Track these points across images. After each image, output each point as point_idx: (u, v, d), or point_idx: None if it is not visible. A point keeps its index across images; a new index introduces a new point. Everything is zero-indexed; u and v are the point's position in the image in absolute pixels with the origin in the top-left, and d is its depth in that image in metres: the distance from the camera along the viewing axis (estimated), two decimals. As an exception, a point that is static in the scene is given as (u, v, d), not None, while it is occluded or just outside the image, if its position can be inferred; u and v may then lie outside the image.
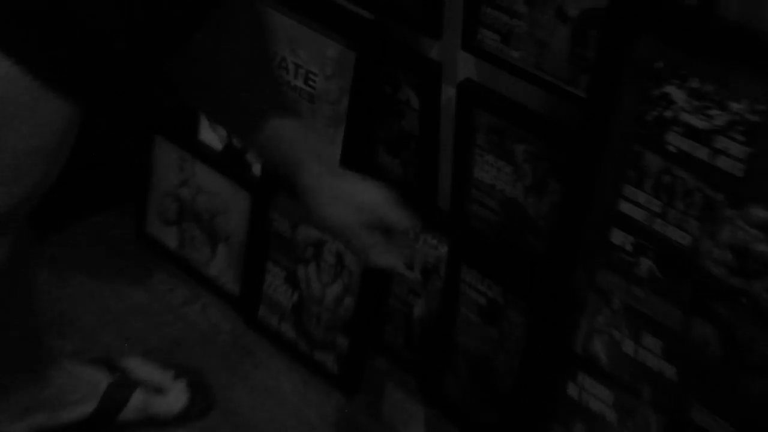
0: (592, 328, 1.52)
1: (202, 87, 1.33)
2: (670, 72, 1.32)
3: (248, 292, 2.00)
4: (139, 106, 2.07)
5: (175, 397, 1.84)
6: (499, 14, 1.52)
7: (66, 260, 2.12)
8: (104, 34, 1.16)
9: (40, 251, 2.06)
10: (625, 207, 1.43)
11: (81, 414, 1.79)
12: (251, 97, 1.33)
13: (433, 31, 1.64)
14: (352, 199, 1.33)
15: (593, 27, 1.42)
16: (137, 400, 1.82)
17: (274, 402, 1.90)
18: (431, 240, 1.77)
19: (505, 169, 1.68)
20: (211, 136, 2.01)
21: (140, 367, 1.87)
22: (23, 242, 1.64)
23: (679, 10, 1.32)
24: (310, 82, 1.81)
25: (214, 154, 2.01)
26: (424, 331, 1.77)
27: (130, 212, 2.19)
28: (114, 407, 1.81)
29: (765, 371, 1.36)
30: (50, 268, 2.07)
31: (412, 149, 1.80)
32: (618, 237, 1.45)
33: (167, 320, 2.04)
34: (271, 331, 1.99)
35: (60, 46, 1.14)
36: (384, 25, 1.70)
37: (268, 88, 1.37)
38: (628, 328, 1.48)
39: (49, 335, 1.75)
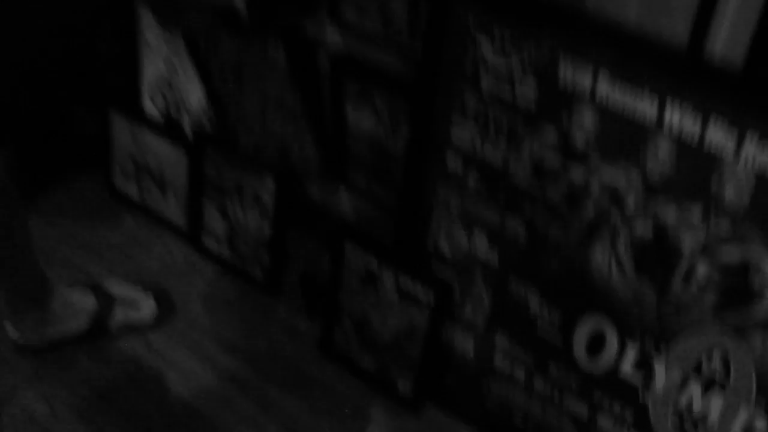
0: (438, 230, 1.53)
1: None
2: (480, 28, 1.32)
3: (193, 226, 1.97)
4: (94, 91, 2.03)
5: (146, 308, 1.82)
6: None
7: (53, 211, 2.06)
8: None
9: (33, 205, 2.02)
10: (455, 137, 1.43)
11: (77, 328, 1.76)
12: None
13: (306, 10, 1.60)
14: None
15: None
16: (119, 314, 1.79)
17: (219, 304, 1.87)
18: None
19: (369, 118, 1.65)
20: (152, 109, 1.96)
21: (118, 288, 1.83)
22: (13, 199, 1.60)
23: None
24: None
25: (157, 123, 1.96)
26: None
27: (99, 173, 2.13)
28: (101, 321, 1.78)
29: (557, 250, 1.38)
30: (41, 218, 2.02)
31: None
32: (451, 160, 1.45)
33: (135, 252, 1.99)
34: (212, 254, 1.96)
35: None
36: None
37: None
38: (463, 227, 1.49)
39: (46, 269, 1.71)
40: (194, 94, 1.86)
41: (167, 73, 1.90)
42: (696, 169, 1.19)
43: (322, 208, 1.87)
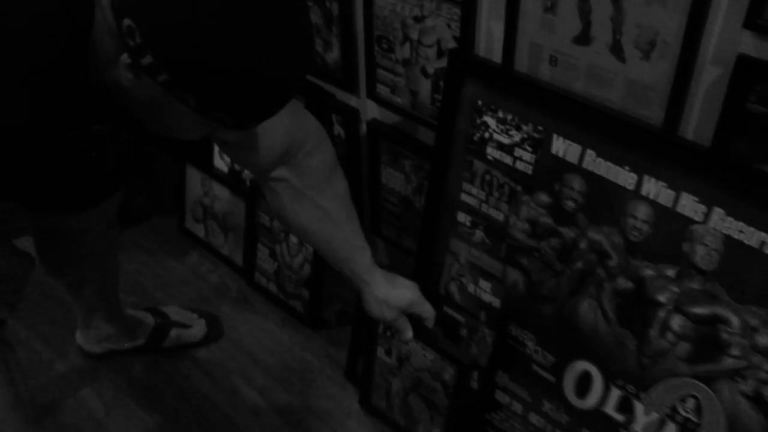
0: (449, 277, 1.55)
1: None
2: (486, 107, 1.35)
3: (247, 263, 2.02)
4: (172, 146, 2.11)
5: (197, 330, 1.86)
6: (387, 74, 1.55)
7: (133, 245, 2.14)
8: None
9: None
10: (464, 197, 1.45)
11: (136, 343, 1.82)
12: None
13: (350, 88, 1.67)
14: (389, 301, 1.34)
15: (443, 79, 1.43)
16: (173, 334, 1.84)
17: (263, 331, 1.90)
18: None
19: (399, 177, 1.70)
20: (221, 163, 2.03)
21: (175, 312, 1.88)
22: (114, 231, 1.67)
23: (490, 66, 1.36)
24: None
25: (223, 175, 2.03)
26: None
27: (173, 215, 2.21)
28: (158, 339, 1.83)
29: (550, 300, 1.39)
30: (123, 251, 2.09)
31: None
32: (461, 217, 1.47)
33: (196, 282, 2.05)
34: (262, 288, 2.00)
35: None
36: (320, 86, 1.72)
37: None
38: (470, 275, 1.51)
39: (119, 291, 1.79)
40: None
41: (234, 132, 1.98)
42: (670, 232, 1.20)
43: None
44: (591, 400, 1.40)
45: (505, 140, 1.34)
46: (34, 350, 1.84)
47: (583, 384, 1.39)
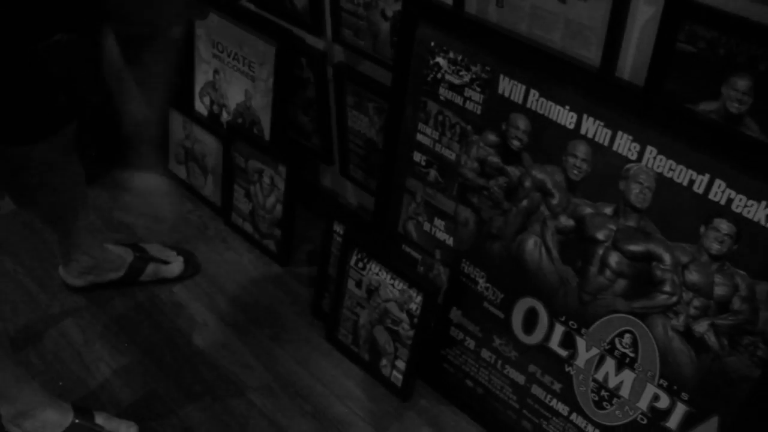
0: (407, 215, 1.56)
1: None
2: (438, 48, 1.35)
3: (225, 204, 2.03)
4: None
5: (175, 266, 1.88)
6: (351, 17, 1.55)
7: (116, 185, 2.12)
8: None
9: (104, 181, 2.13)
10: (419, 137, 1.46)
11: (115, 276, 1.84)
12: None
13: (318, 32, 1.67)
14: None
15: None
16: (151, 268, 1.86)
17: (237, 269, 1.93)
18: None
19: (364, 120, 1.70)
20: (201, 106, 2.04)
21: (154, 249, 1.90)
22: (76, 165, 1.68)
23: (441, 8, 1.36)
24: (252, 68, 1.85)
25: (203, 118, 2.04)
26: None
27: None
28: (136, 273, 1.85)
29: (498, 237, 1.40)
30: (109, 192, 2.12)
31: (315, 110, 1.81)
32: (417, 156, 1.48)
33: (176, 221, 2.06)
34: (238, 228, 2.02)
35: None
36: (290, 30, 1.73)
37: None
38: (426, 214, 1.52)
39: (104, 231, 1.82)
40: (233, 95, 1.95)
41: (213, 77, 1.99)
42: (608, 171, 1.21)
43: (332, 195, 1.94)
44: (537, 336, 1.42)
45: (456, 81, 1.34)
46: (19, 283, 1.88)
47: (530, 320, 1.42)
